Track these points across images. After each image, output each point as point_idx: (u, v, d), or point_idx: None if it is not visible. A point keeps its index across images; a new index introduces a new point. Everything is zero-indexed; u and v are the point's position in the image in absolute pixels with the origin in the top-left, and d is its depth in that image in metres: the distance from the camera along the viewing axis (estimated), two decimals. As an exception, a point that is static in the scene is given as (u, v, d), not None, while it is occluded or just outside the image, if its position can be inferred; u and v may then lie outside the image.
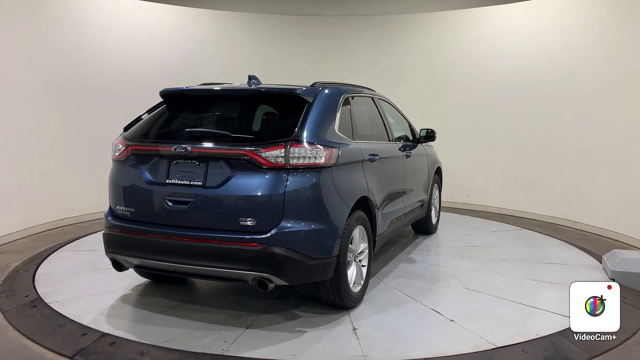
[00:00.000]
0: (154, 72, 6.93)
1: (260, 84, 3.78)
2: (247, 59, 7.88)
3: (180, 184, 3.23)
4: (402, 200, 4.60)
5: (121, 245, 3.41)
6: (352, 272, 3.58)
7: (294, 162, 3.09)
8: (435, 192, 5.95)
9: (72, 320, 3.35)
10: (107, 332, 3.18)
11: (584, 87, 6.26)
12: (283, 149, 3.07)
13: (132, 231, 3.34)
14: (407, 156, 4.80)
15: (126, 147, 3.46)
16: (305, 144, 3.15)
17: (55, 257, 4.82)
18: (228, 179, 3.13)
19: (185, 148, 3.19)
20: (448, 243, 5.63)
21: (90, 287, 4.00)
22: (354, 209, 3.52)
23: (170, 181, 3.27)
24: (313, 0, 7.94)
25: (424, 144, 5.43)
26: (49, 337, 3.15)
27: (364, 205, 3.74)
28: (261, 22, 8.01)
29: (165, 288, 4.02)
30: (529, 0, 6.85)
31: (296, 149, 3.10)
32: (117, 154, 3.52)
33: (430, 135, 5.22)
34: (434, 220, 5.94)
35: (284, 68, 8.00)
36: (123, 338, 3.10)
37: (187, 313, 3.51)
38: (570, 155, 6.48)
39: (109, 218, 3.49)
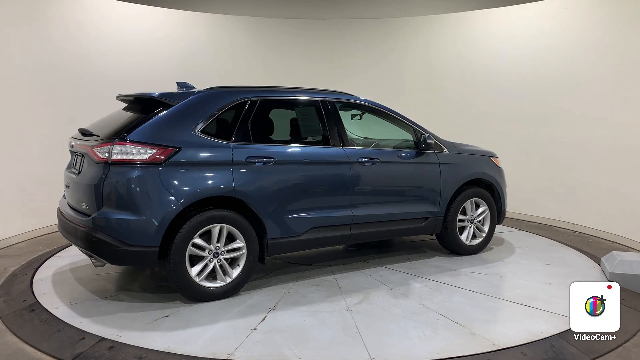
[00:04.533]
0: (154, 76, 6.94)
1: (188, 90, 4.06)
2: (247, 62, 7.91)
3: (73, 171, 3.95)
4: (350, 209, 4.34)
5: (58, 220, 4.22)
6: (200, 267, 3.70)
7: (115, 157, 3.49)
8: (480, 209, 5.17)
9: (70, 324, 3.35)
10: (105, 336, 3.17)
11: (581, 90, 6.28)
12: (109, 146, 3.50)
13: (59, 211, 4.18)
14: (366, 163, 4.41)
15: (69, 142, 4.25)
16: (130, 142, 3.51)
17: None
18: (85, 169, 3.73)
19: (71, 144, 4.04)
20: (459, 266, 4.73)
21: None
22: (212, 207, 3.72)
23: (72, 169, 3.99)
24: (311, 3, 7.96)
25: (448, 152, 5.00)
26: (47, 341, 3.14)
27: (242, 205, 3.84)
28: (260, 25, 8.03)
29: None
30: (527, 3, 6.88)
31: (119, 147, 3.49)
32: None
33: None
34: (467, 240, 5.11)
35: (283, 71, 8.02)
36: (121, 342, 3.09)
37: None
38: (568, 157, 6.49)
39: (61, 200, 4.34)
